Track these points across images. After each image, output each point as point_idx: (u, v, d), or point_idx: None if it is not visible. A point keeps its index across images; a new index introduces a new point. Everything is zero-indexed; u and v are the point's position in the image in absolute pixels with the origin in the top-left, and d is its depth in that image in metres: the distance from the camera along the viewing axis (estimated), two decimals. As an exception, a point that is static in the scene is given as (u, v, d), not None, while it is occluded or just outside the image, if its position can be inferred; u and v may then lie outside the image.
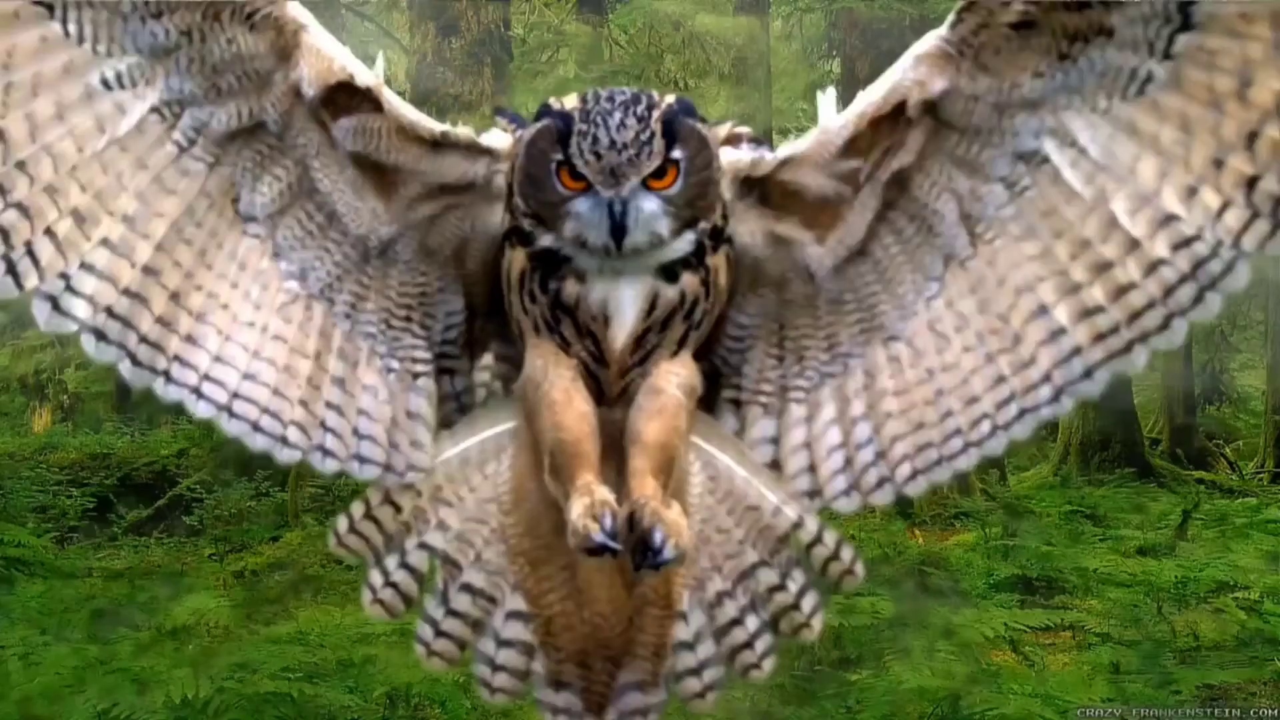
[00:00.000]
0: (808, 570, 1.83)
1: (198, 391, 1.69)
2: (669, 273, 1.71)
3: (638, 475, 1.69)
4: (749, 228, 1.77)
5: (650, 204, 1.65)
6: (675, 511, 1.64)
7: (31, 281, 1.59)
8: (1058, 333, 1.67)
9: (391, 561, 1.82)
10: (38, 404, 13.81)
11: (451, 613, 1.83)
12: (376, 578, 1.83)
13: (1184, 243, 1.58)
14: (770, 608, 1.83)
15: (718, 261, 1.74)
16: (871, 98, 1.69)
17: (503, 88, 8.41)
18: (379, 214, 1.76)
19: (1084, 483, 11.75)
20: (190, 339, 1.68)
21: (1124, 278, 1.62)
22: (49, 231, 1.58)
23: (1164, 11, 1.53)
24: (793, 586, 1.82)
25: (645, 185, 1.64)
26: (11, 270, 1.58)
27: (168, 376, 1.68)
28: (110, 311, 1.63)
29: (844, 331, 1.81)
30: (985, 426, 1.73)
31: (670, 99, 1.68)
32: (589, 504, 1.63)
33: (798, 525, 1.81)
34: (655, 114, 1.63)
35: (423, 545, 1.83)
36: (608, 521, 1.61)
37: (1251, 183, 1.53)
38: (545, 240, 1.70)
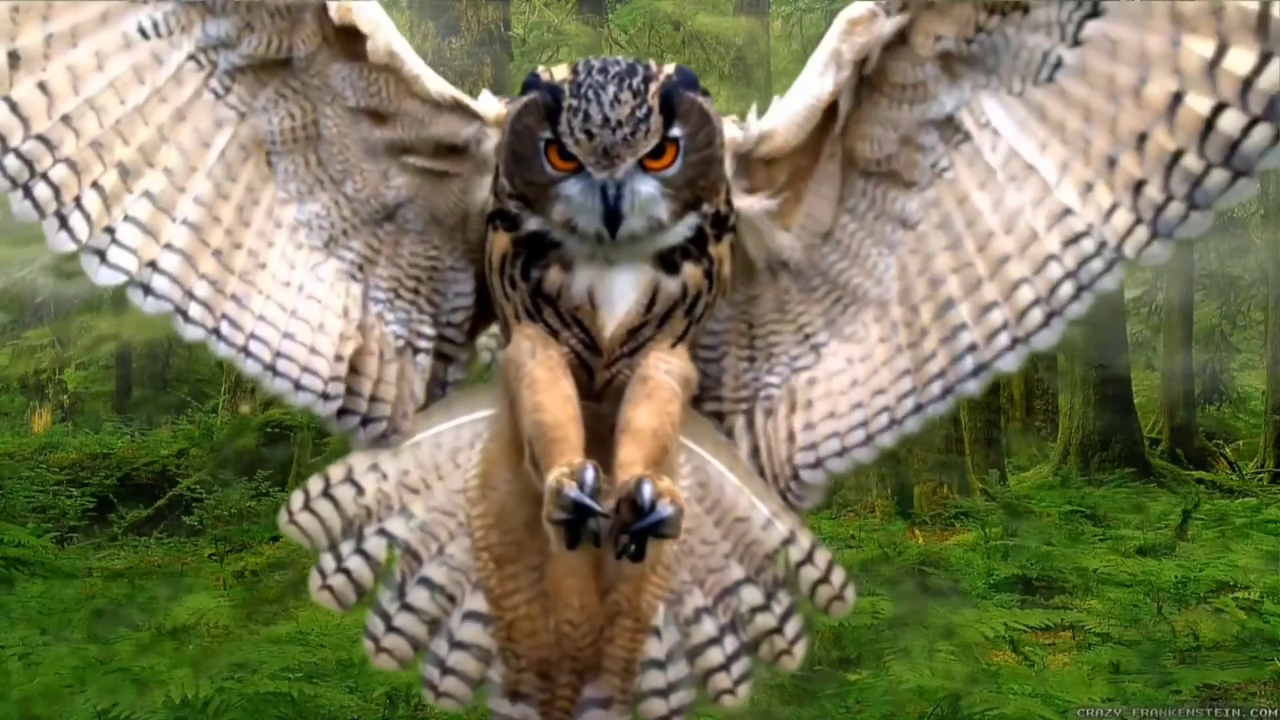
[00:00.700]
0: (794, 592, 1.74)
1: (245, 350, 1.68)
2: (668, 262, 1.62)
3: (627, 467, 1.56)
4: (741, 207, 1.71)
5: (647, 186, 1.55)
6: (667, 483, 1.52)
7: (83, 235, 1.59)
8: (958, 328, 1.67)
9: (346, 546, 1.73)
10: (38, 404, 13.82)
11: (407, 608, 1.73)
12: (329, 562, 1.73)
13: (1074, 239, 1.60)
14: (751, 630, 1.73)
15: (721, 251, 1.65)
16: (838, 76, 1.65)
17: (503, 88, 8.40)
18: (388, 175, 1.74)
19: (1084, 483, 11.75)
20: (236, 299, 1.68)
21: (1017, 273, 1.63)
22: (95, 185, 1.58)
23: None
24: (777, 609, 1.73)
25: (642, 166, 1.54)
26: (64, 225, 1.57)
27: (218, 334, 1.67)
28: (155, 266, 1.63)
29: (818, 318, 1.76)
30: (884, 419, 1.72)
31: (669, 69, 1.56)
32: (568, 470, 1.50)
33: (789, 541, 1.73)
34: (652, 87, 1.53)
35: (383, 532, 1.73)
36: (589, 476, 1.47)
37: (1139, 186, 1.55)
38: (532, 224, 1.61)
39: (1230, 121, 1.49)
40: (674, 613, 1.72)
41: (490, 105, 1.72)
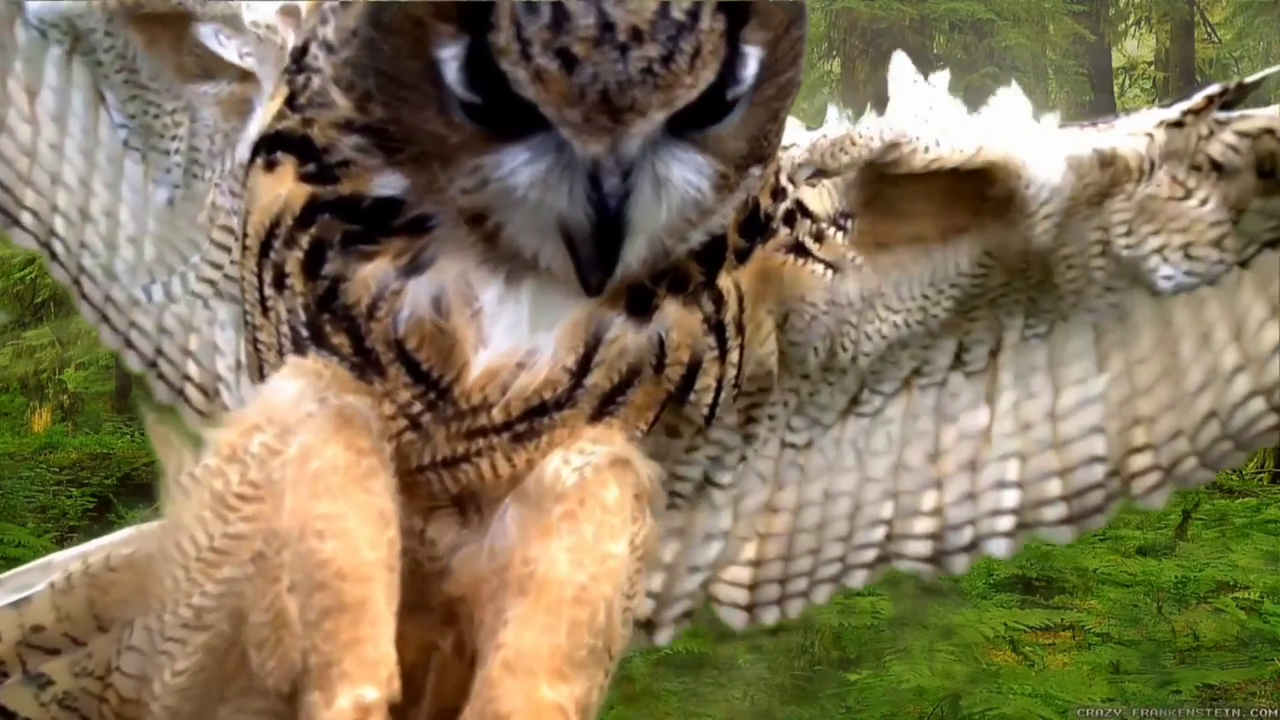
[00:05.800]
0: None
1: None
2: (634, 291, 0.88)
3: (514, 688, 0.84)
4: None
5: (684, 168, 0.81)
6: None
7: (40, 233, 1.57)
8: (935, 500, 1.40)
9: None
10: (38, 404, 13.81)
11: None
12: None
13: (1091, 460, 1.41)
14: None
15: (744, 280, 0.92)
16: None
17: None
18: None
19: (1084, 483, 11.73)
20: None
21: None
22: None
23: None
24: None
25: (676, 127, 0.79)
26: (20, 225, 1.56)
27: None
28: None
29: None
30: (835, 568, 1.34)
31: None
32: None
33: None
34: None
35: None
36: None
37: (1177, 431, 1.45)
38: (384, 184, 0.84)
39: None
40: None
41: None
